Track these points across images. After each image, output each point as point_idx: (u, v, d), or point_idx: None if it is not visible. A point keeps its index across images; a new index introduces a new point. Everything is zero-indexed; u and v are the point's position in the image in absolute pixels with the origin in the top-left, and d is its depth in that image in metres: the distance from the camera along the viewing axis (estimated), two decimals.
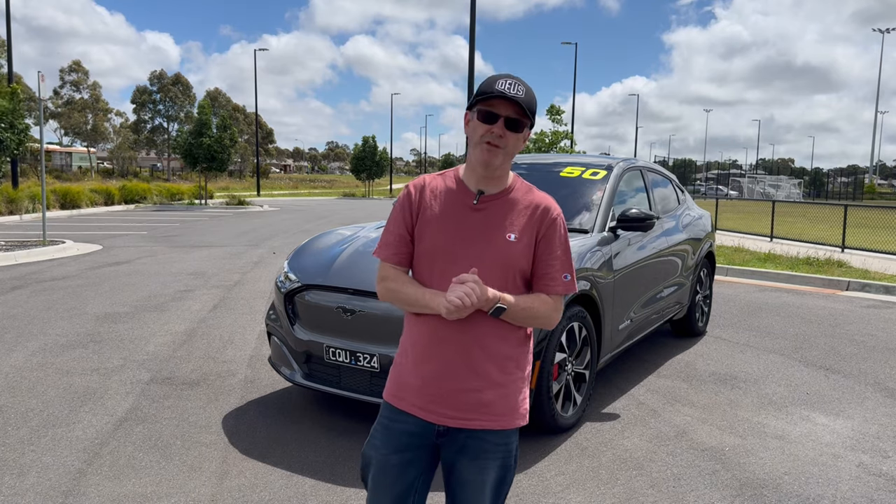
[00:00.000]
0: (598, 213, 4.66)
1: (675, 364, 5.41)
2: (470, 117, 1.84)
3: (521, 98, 1.76)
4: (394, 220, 1.89)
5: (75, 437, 3.77)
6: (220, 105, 64.32)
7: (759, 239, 15.66)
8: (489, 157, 1.78)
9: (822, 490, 3.26)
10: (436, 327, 1.80)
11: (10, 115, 13.23)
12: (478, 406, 1.80)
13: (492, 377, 1.81)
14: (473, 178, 1.85)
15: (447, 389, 1.80)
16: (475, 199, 1.83)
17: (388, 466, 1.84)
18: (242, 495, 3.14)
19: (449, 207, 1.84)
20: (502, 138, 1.77)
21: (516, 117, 1.77)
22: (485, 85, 1.80)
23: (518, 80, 1.79)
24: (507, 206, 1.83)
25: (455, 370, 1.79)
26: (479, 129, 1.78)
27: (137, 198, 28.98)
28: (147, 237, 15.04)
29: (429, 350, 1.82)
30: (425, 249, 1.84)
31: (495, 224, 1.81)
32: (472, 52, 16.74)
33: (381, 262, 1.89)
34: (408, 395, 1.84)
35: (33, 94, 26.42)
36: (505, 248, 1.80)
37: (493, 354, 1.81)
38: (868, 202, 45.27)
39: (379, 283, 1.89)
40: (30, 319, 6.54)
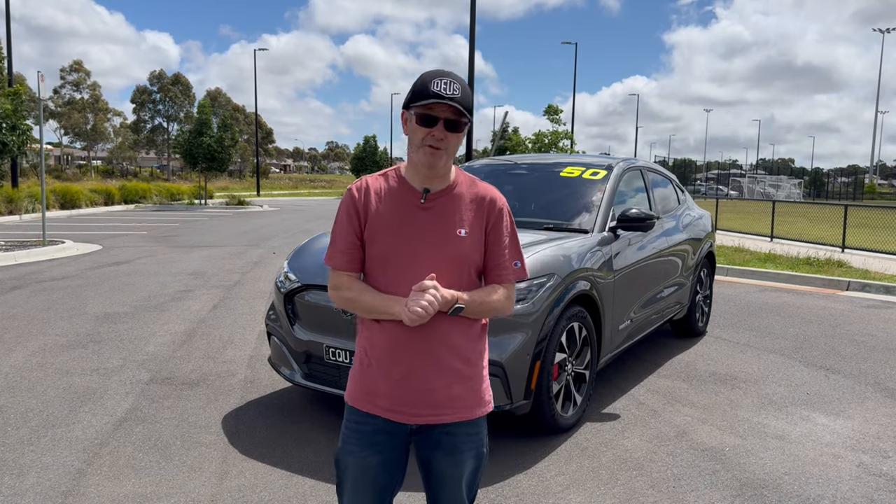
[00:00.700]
0: (599, 213, 4.66)
1: (676, 364, 5.41)
2: (407, 117, 1.82)
3: (458, 98, 1.75)
4: (341, 227, 1.86)
5: (75, 437, 3.77)
6: (220, 105, 64.35)
7: (760, 239, 15.66)
8: (433, 160, 1.79)
9: (822, 490, 3.26)
10: (399, 331, 1.80)
11: (12, 117, 13.23)
12: (448, 401, 1.83)
13: (459, 372, 1.85)
14: (418, 177, 1.84)
15: (417, 389, 1.82)
16: (422, 197, 1.83)
17: (367, 468, 1.86)
18: (242, 495, 3.13)
19: (397, 208, 1.83)
20: (443, 140, 1.77)
21: (455, 118, 1.77)
22: (420, 85, 1.77)
23: (452, 76, 1.78)
24: (454, 202, 1.85)
25: (424, 370, 1.81)
26: (420, 133, 1.78)
27: (137, 198, 28.99)
28: (147, 237, 15.04)
29: (395, 354, 1.82)
30: (378, 253, 1.83)
31: (445, 221, 1.82)
32: (472, 53, 16.74)
33: (333, 270, 1.86)
34: (376, 399, 1.85)
35: (33, 94, 26.39)
36: (457, 244, 1.81)
37: (457, 350, 1.84)
38: (868, 202, 45.28)
39: (332, 291, 1.87)
40: (30, 319, 6.54)
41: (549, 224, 4.65)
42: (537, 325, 3.62)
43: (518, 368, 3.54)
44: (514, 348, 3.53)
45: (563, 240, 4.23)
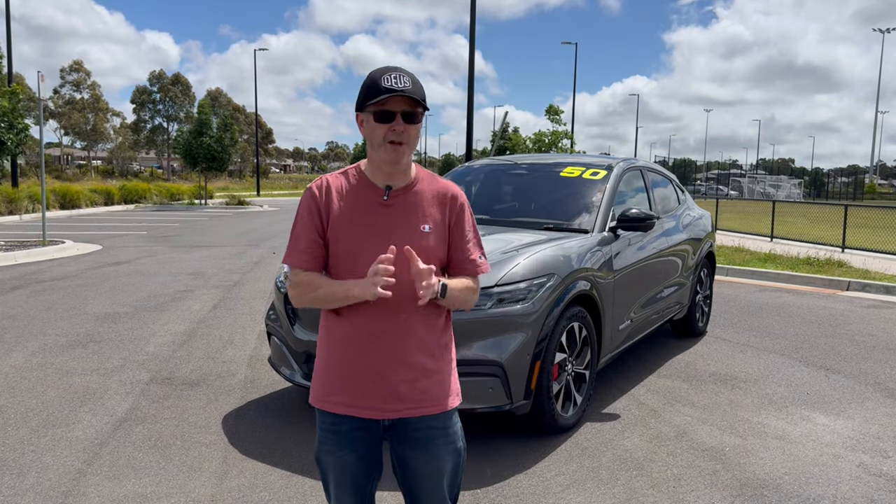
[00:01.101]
0: (599, 213, 4.66)
1: (676, 364, 5.41)
2: (363, 118, 1.83)
3: (411, 89, 1.77)
4: (303, 225, 1.85)
5: (75, 437, 3.77)
6: (220, 105, 64.35)
7: (760, 239, 15.66)
8: (396, 156, 1.80)
9: (822, 490, 3.26)
10: (364, 327, 1.82)
11: (9, 115, 13.22)
12: (417, 395, 1.84)
13: (426, 366, 1.86)
14: (380, 174, 1.86)
15: (386, 384, 1.83)
16: (385, 195, 1.85)
17: (346, 466, 1.89)
18: (242, 495, 3.13)
19: (359, 206, 1.84)
20: (404, 133, 1.79)
21: (411, 109, 1.79)
22: (370, 84, 1.78)
23: (401, 70, 1.80)
24: (417, 198, 1.87)
25: (392, 365, 1.82)
26: (379, 130, 1.79)
27: (137, 198, 28.99)
28: (147, 237, 15.04)
29: (362, 350, 1.83)
30: (343, 250, 1.83)
31: (408, 217, 1.84)
32: (472, 53, 16.74)
33: (293, 268, 1.85)
34: (345, 399, 1.85)
35: (33, 94, 26.38)
36: (421, 239, 1.83)
37: (424, 344, 1.85)
38: (868, 202, 45.27)
39: (293, 289, 1.86)
40: (30, 319, 6.54)
41: (549, 224, 4.65)
42: (537, 325, 3.62)
43: (518, 368, 3.54)
44: (514, 348, 3.53)
45: (563, 240, 4.23)
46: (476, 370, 3.49)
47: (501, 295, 3.59)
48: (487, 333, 3.52)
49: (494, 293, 3.58)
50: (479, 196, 5.52)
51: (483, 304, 3.55)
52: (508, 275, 3.66)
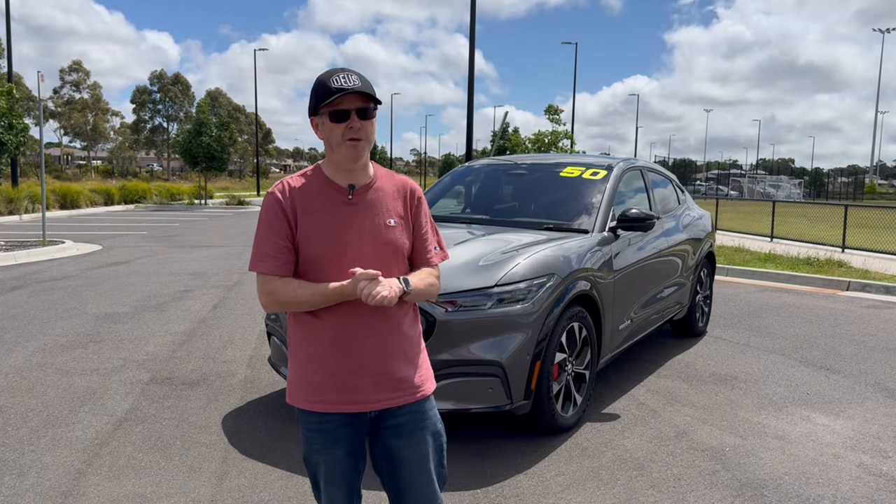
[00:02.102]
0: (599, 213, 4.66)
1: (676, 364, 5.41)
2: (318, 122, 1.87)
3: (360, 86, 1.82)
4: (270, 231, 1.86)
5: (75, 437, 3.77)
6: (220, 105, 64.32)
7: (760, 239, 15.66)
8: (356, 153, 1.85)
9: (822, 490, 3.26)
10: (344, 324, 1.86)
11: (8, 115, 13.21)
12: (398, 383, 1.91)
13: (406, 355, 1.94)
14: (340, 174, 1.90)
15: (370, 376, 1.88)
16: (349, 193, 1.90)
17: (335, 462, 1.94)
18: (242, 495, 3.13)
19: (326, 207, 1.88)
20: (361, 129, 1.84)
21: (364, 106, 1.84)
22: (319, 87, 1.83)
23: (347, 69, 1.86)
24: (379, 195, 1.93)
25: (374, 358, 1.88)
26: (337, 130, 1.84)
27: (137, 198, 28.99)
28: (147, 237, 15.04)
29: (346, 348, 1.87)
30: (315, 253, 1.86)
31: (374, 213, 1.90)
32: (472, 53, 16.74)
33: (262, 275, 1.85)
34: (328, 396, 1.89)
35: (32, 94, 26.38)
36: (388, 234, 1.90)
37: (402, 334, 1.93)
38: (868, 202, 45.27)
39: (264, 295, 1.86)
40: (30, 319, 6.54)
41: (550, 224, 4.65)
42: (537, 325, 3.62)
43: (518, 368, 3.54)
44: (514, 348, 3.53)
45: (563, 240, 4.24)
46: (476, 370, 3.50)
47: (501, 295, 3.59)
48: (487, 333, 3.52)
49: (494, 293, 3.58)
50: (479, 196, 5.52)
51: (483, 304, 3.55)
52: (508, 275, 3.66)
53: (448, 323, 3.48)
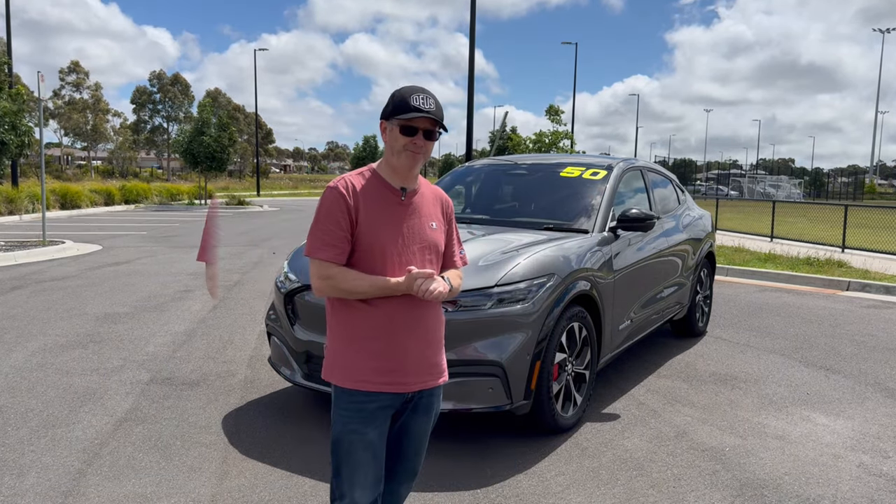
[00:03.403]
0: (599, 213, 4.66)
1: (676, 364, 5.41)
2: (387, 127, 2.07)
3: (434, 112, 2.03)
4: (332, 221, 2.02)
5: (75, 437, 3.77)
6: (220, 105, 64.30)
7: (760, 239, 15.66)
8: (412, 163, 2.06)
9: (822, 490, 3.26)
10: (394, 309, 2.03)
11: (12, 117, 13.21)
12: (433, 367, 2.14)
13: (440, 342, 2.17)
14: (396, 177, 2.10)
15: (415, 360, 2.07)
16: (402, 195, 2.10)
17: (368, 442, 2.07)
18: (242, 495, 3.13)
19: (383, 204, 2.07)
20: (422, 147, 2.06)
21: (432, 129, 2.06)
22: (399, 100, 2.04)
23: (428, 92, 2.06)
24: (423, 200, 2.16)
25: (420, 342, 2.08)
26: (401, 140, 2.04)
27: (137, 198, 28.99)
28: (147, 237, 15.04)
29: (394, 330, 2.04)
30: (372, 244, 2.03)
31: (421, 215, 2.12)
32: (471, 54, 16.74)
33: (321, 261, 2.01)
34: (376, 377, 2.04)
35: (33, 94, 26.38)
36: (431, 235, 2.13)
37: (437, 323, 2.15)
38: (868, 202, 45.26)
39: (323, 280, 2.02)
40: (30, 319, 6.54)
41: (550, 224, 4.65)
42: (537, 325, 3.62)
43: (518, 368, 3.54)
44: (514, 348, 3.53)
45: (563, 240, 4.24)
46: (476, 370, 3.50)
47: (501, 295, 3.59)
48: (487, 333, 3.52)
49: (494, 293, 3.58)
50: (480, 196, 5.52)
51: (483, 304, 3.55)
52: (508, 275, 3.66)
53: (448, 323, 3.46)
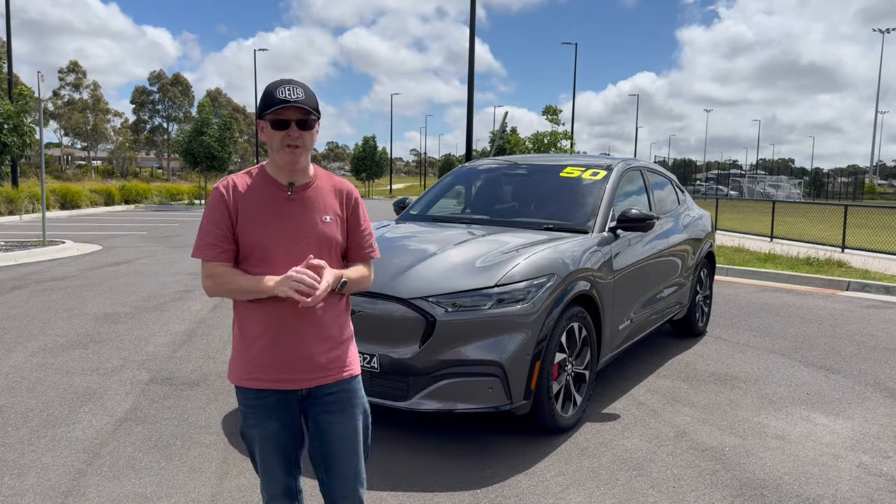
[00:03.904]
0: (598, 213, 4.66)
1: (675, 364, 5.41)
2: (263, 126, 2.03)
3: (303, 100, 1.99)
4: (212, 221, 2.01)
5: (75, 437, 3.77)
6: (220, 105, 64.33)
7: (760, 239, 15.66)
8: (294, 157, 2.02)
9: (822, 490, 3.26)
10: (281, 308, 2.00)
11: (14, 118, 13.20)
12: (329, 363, 2.08)
13: (336, 338, 2.10)
14: (282, 173, 2.06)
15: (302, 357, 2.04)
16: (288, 190, 2.05)
17: (269, 435, 2.08)
18: (242, 495, 3.14)
19: (266, 201, 2.04)
20: (299, 138, 2.01)
21: (304, 118, 2.00)
22: (267, 95, 2.00)
23: (294, 82, 2.02)
24: (317, 193, 2.09)
25: (307, 340, 2.04)
26: (276, 136, 2.00)
27: (137, 198, 29.00)
28: (147, 237, 15.04)
29: (279, 328, 2.01)
30: (253, 242, 2.01)
31: (311, 209, 2.06)
32: (471, 54, 16.74)
33: (205, 262, 2.01)
34: (264, 375, 2.04)
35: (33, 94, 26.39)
36: (323, 229, 2.06)
37: (334, 319, 2.09)
38: (868, 202, 45.25)
39: (207, 280, 2.02)
40: (30, 319, 6.54)
41: (549, 224, 4.65)
42: (537, 325, 3.63)
43: (518, 368, 3.54)
44: (514, 348, 3.53)
45: (562, 240, 4.24)
46: (476, 370, 3.50)
47: (501, 295, 3.59)
48: (487, 334, 3.53)
49: (494, 293, 3.59)
50: (479, 196, 5.52)
51: (483, 305, 3.55)
52: (508, 275, 3.67)
53: (448, 323, 3.48)
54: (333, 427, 2.10)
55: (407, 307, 3.54)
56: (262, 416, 2.07)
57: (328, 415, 2.10)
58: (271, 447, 2.09)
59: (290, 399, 2.07)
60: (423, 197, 5.66)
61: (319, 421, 2.10)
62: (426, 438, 3.79)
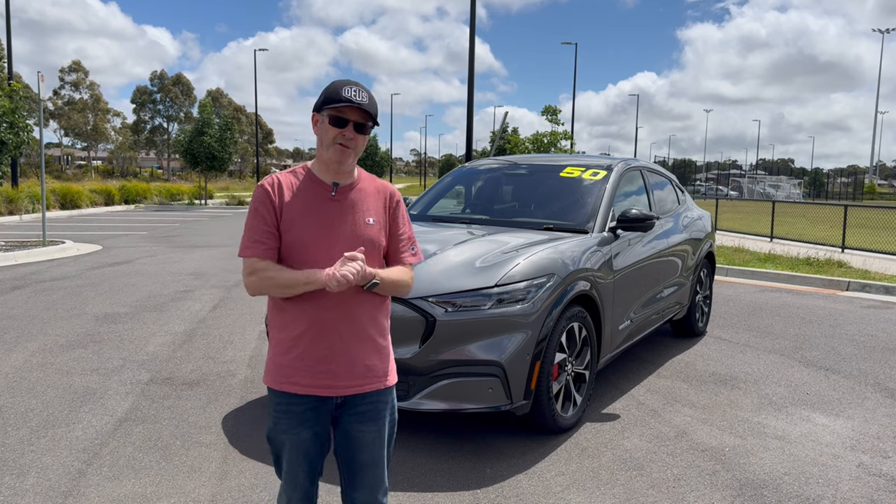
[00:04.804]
0: (598, 213, 4.66)
1: (675, 364, 5.41)
2: (318, 119, 2.03)
3: (366, 104, 1.99)
4: (257, 219, 2.00)
5: (75, 437, 3.77)
6: (221, 105, 64.32)
7: (759, 239, 15.66)
8: (342, 157, 2.01)
9: (822, 490, 3.26)
10: (321, 309, 1.97)
11: (10, 115, 13.18)
12: (366, 371, 2.04)
13: (377, 343, 2.07)
14: (328, 172, 2.05)
15: (340, 363, 2.00)
16: (332, 190, 2.04)
17: (300, 443, 2.04)
18: (242, 495, 3.14)
19: (310, 200, 2.02)
20: (353, 140, 2.01)
21: (363, 122, 2.01)
22: (332, 91, 2.00)
23: (361, 86, 2.01)
24: (361, 194, 2.08)
25: (347, 344, 2.01)
26: (331, 132, 1.99)
27: (137, 198, 28.99)
28: (147, 237, 15.04)
29: (319, 331, 1.98)
30: (295, 240, 1.99)
31: (354, 210, 2.05)
32: (471, 55, 16.74)
33: (248, 259, 1.99)
34: (301, 379, 2.00)
35: (33, 93, 26.38)
36: (365, 231, 2.04)
37: (375, 324, 2.06)
38: (868, 202, 45.25)
39: (248, 276, 1.99)
40: (30, 319, 6.54)
41: (549, 224, 4.65)
42: (537, 325, 3.63)
43: (518, 368, 3.54)
44: (514, 348, 3.53)
45: (562, 240, 4.24)
46: (476, 370, 3.50)
47: (501, 295, 3.59)
48: (487, 334, 3.53)
49: (494, 294, 3.59)
50: (479, 196, 5.52)
51: (483, 305, 3.55)
52: (508, 275, 3.67)
53: (448, 323, 3.48)
54: (363, 436, 2.07)
55: (407, 307, 3.54)
56: (294, 423, 2.02)
57: (359, 423, 2.06)
58: (300, 455, 2.06)
59: (326, 406, 2.03)
60: (423, 197, 5.66)
61: (349, 428, 2.06)
62: (426, 438, 3.79)
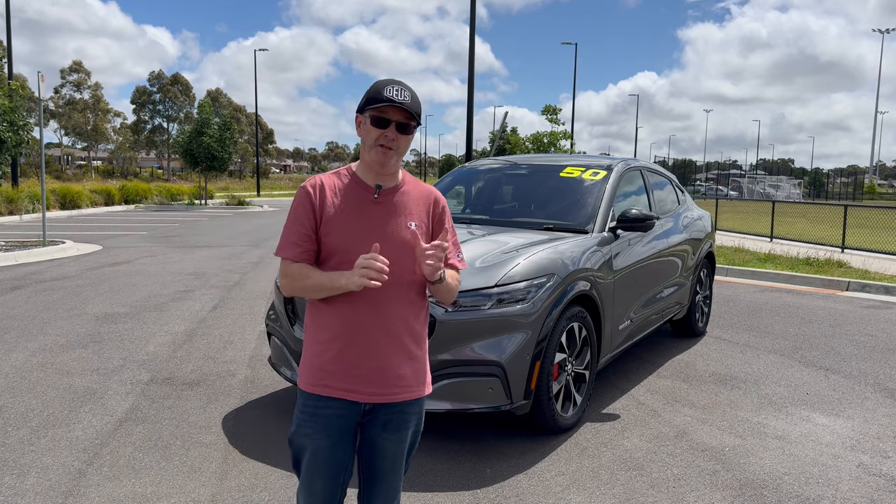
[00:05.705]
0: (598, 213, 4.66)
1: (675, 364, 5.41)
2: (361, 120, 1.99)
3: (409, 104, 1.94)
4: (297, 220, 1.98)
5: (75, 437, 3.77)
6: (221, 105, 64.31)
7: (759, 239, 15.66)
8: (384, 159, 1.96)
9: (822, 490, 3.26)
10: (356, 312, 1.94)
11: (9, 114, 13.17)
12: (398, 380, 1.98)
13: (410, 352, 2.01)
14: (370, 174, 2.01)
15: (372, 369, 1.95)
16: (375, 193, 2.00)
17: (320, 450, 1.99)
18: (242, 495, 3.14)
19: (351, 202, 1.99)
20: (395, 141, 1.95)
21: (405, 121, 1.96)
22: (374, 91, 1.96)
23: (403, 85, 1.96)
24: (404, 198, 2.04)
25: (381, 349, 1.96)
26: (373, 133, 1.95)
27: (137, 198, 28.99)
28: (147, 237, 15.04)
29: (354, 334, 1.95)
30: (335, 243, 1.96)
31: (396, 214, 2.00)
32: (471, 56, 16.74)
33: (284, 260, 1.97)
34: (333, 382, 1.96)
35: (32, 93, 26.37)
36: (407, 235, 1.99)
37: (411, 331, 2.01)
38: (868, 202, 45.24)
39: (283, 278, 1.98)
40: (30, 319, 6.54)
41: (549, 224, 4.66)
42: (537, 325, 3.63)
43: (518, 368, 3.54)
44: (514, 348, 3.53)
45: (562, 240, 4.24)
46: (476, 370, 3.50)
47: (501, 295, 3.59)
48: (487, 334, 3.53)
49: (494, 294, 3.59)
50: (480, 196, 5.52)
51: (483, 305, 3.55)
52: (508, 275, 3.67)
53: (448, 323, 3.48)
54: (386, 444, 2.03)
55: None
56: (319, 428, 1.97)
57: (384, 432, 2.01)
58: (319, 464, 2.00)
59: (354, 412, 1.98)
60: None
61: (372, 436, 2.02)
62: (426, 438, 3.79)
